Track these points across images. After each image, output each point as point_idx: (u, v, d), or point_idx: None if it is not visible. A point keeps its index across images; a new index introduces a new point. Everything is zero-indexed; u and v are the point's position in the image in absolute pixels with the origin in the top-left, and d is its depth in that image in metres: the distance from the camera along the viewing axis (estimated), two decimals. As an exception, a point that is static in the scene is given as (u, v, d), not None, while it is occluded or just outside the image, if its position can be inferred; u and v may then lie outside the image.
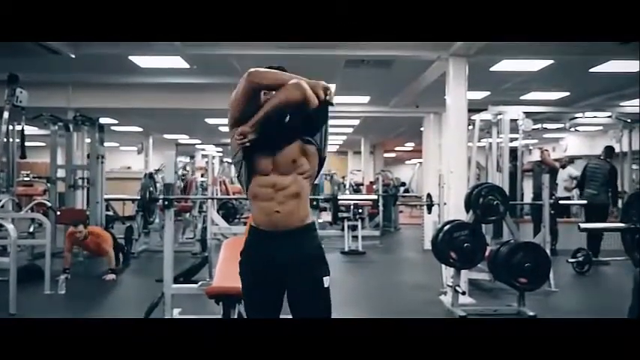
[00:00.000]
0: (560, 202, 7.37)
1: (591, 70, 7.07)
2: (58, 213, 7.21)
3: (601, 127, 12.35)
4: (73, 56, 5.97)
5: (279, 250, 2.19)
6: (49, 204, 7.11)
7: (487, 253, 5.00)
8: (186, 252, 8.13)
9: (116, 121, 12.03)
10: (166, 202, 4.38)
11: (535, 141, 14.37)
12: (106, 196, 7.54)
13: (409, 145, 19.67)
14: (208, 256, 6.28)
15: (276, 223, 2.18)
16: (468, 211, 5.05)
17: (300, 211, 2.21)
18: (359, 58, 6.56)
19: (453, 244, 4.83)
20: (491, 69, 7.01)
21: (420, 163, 20.85)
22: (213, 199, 7.07)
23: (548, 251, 5.41)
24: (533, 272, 4.73)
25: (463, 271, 5.15)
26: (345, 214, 9.47)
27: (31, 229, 8.49)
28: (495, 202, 4.92)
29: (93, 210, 7.81)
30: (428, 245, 9.49)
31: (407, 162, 25.08)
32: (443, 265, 5.54)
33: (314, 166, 2.24)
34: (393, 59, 6.66)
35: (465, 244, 4.80)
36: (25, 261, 6.87)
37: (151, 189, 5.58)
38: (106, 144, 8.43)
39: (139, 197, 7.98)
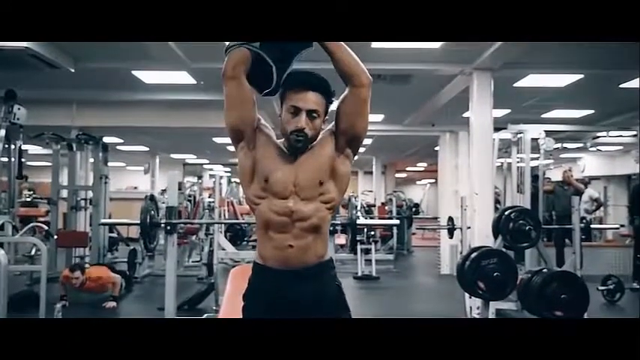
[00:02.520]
0: (593, 226, 7.00)
1: (622, 85, 6.68)
2: (56, 237, 6.88)
3: (621, 147, 11.96)
4: (73, 70, 5.69)
5: (290, 290, 1.86)
6: (45, 227, 6.78)
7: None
8: (192, 276, 7.78)
9: (121, 140, 11.74)
10: (168, 227, 4.02)
11: (551, 161, 13.97)
12: (103, 221, 7.20)
13: (421, 165, 19.34)
14: (215, 283, 5.95)
15: (288, 260, 1.85)
16: (496, 237, 4.68)
17: (317, 247, 1.89)
18: (376, 73, 6.20)
19: (482, 273, 4.43)
20: (515, 85, 6.65)
21: (431, 183, 20.65)
22: (220, 223, 6.72)
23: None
24: (570, 305, 4.32)
25: (491, 302, 4.75)
26: (357, 237, 9.11)
27: (32, 252, 8.17)
28: (527, 228, 4.54)
29: (95, 232, 7.49)
30: (445, 270, 9.17)
31: (418, 182, 24.76)
32: (466, 294, 5.15)
33: (340, 196, 1.93)
34: (411, 74, 6.32)
35: (495, 274, 4.39)
36: (24, 286, 6.56)
37: (152, 212, 5.21)
38: (112, 163, 8.15)
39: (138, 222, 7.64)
